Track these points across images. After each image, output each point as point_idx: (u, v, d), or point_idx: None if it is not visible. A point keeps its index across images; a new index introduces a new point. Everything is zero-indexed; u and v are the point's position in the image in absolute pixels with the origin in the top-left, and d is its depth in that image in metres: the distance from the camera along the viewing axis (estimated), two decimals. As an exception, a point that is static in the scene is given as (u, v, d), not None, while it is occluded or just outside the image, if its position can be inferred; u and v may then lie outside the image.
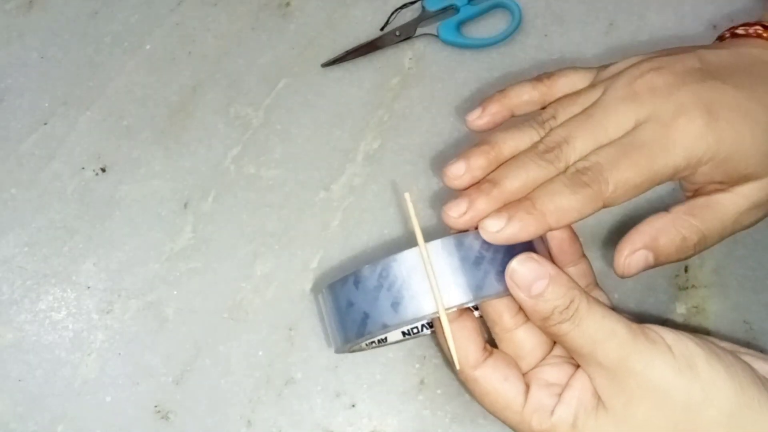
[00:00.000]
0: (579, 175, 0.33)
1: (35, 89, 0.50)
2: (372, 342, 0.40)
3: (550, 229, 0.33)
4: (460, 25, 0.51)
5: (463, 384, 0.35)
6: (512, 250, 0.33)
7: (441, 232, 0.35)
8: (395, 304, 0.32)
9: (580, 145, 0.34)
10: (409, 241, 0.45)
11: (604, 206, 0.33)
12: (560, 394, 0.33)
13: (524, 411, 0.33)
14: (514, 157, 0.35)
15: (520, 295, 0.32)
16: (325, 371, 0.43)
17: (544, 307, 0.32)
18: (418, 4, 0.52)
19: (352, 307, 0.34)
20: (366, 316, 0.33)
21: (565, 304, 0.32)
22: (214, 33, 0.52)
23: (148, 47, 0.52)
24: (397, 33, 0.51)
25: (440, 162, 0.47)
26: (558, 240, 0.36)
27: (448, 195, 0.35)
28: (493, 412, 0.34)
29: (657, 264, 0.35)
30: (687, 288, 0.44)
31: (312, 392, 0.43)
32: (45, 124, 0.49)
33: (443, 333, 0.34)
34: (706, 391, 0.30)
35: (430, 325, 0.41)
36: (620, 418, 0.31)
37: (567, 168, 0.34)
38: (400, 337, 0.41)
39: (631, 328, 0.32)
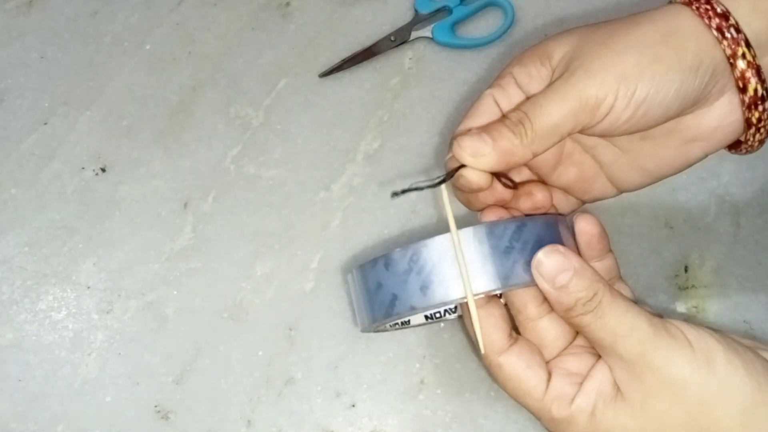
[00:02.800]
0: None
1: (35, 89, 0.50)
2: (396, 323, 0.40)
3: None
4: (454, 26, 0.51)
5: (487, 369, 0.36)
6: (541, 242, 0.33)
7: (470, 221, 0.36)
8: (424, 288, 0.33)
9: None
10: (439, 228, 0.45)
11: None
12: (581, 384, 0.34)
13: (545, 398, 0.34)
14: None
15: (545, 286, 0.33)
16: (325, 371, 0.43)
17: (567, 299, 0.32)
18: (410, 8, 0.52)
19: (380, 289, 0.34)
20: (395, 297, 0.34)
21: (589, 297, 0.32)
22: (214, 33, 0.52)
23: (148, 47, 0.52)
24: (392, 38, 0.51)
25: (439, 162, 0.47)
26: (587, 236, 0.36)
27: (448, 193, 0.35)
28: (514, 398, 0.35)
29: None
30: (687, 288, 0.44)
31: (312, 392, 0.43)
32: (45, 124, 0.49)
33: (470, 318, 0.35)
34: (722, 387, 0.31)
35: (454, 309, 0.41)
36: (638, 410, 0.32)
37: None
38: (423, 320, 0.41)
39: (652, 323, 0.32)
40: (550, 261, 0.33)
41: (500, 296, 0.38)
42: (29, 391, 0.43)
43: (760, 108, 0.34)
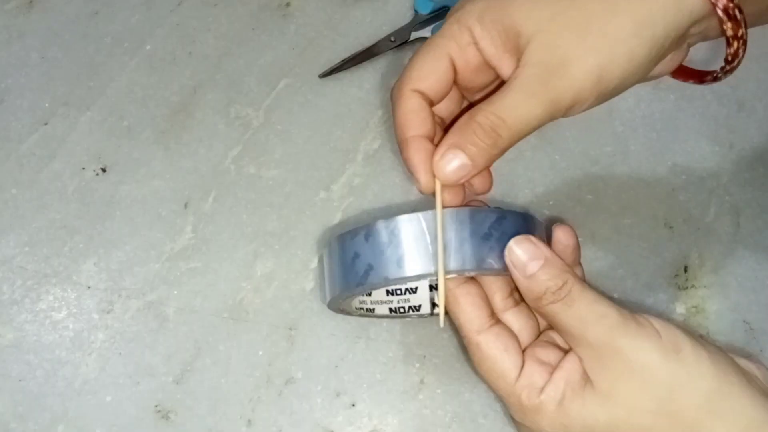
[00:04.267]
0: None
1: (36, 89, 0.50)
2: (361, 308, 0.41)
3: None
4: None
5: (466, 347, 0.37)
6: (518, 233, 0.35)
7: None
8: (400, 260, 0.34)
9: None
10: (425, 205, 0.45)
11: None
12: (551, 374, 0.34)
13: (516, 384, 0.34)
14: None
15: (516, 274, 0.34)
16: (325, 371, 0.43)
17: (537, 288, 0.33)
18: (410, 9, 0.52)
19: (357, 259, 0.35)
20: (370, 267, 0.35)
21: (558, 285, 0.33)
22: (214, 33, 0.52)
23: (148, 47, 0.52)
24: (392, 39, 0.51)
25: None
26: (563, 246, 0.37)
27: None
28: (486, 380, 0.36)
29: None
30: (687, 288, 0.44)
31: (312, 392, 0.43)
32: (45, 124, 0.49)
33: (446, 296, 0.36)
34: (689, 374, 0.32)
35: (418, 308, 0.42)
36: (606, 398, 0.33)
37: None
38: (387, 312, 0.42)
39: (621, 313, 0.33)
40: (521, 249, 0.34)
41: None
42: (29, 391, 0.43)
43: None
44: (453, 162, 0.34)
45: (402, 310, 0.42)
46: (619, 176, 0.47)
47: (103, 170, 0.48)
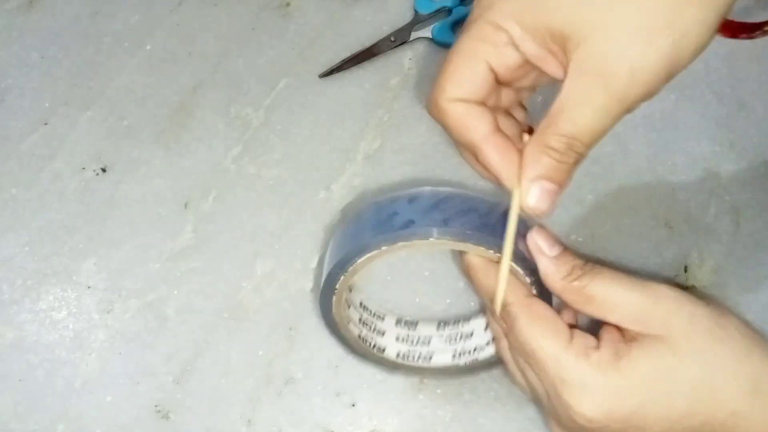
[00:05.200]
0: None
1: (36, 89, 0.50)
2: (368, 338, 0.41)
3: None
4: (454, 26, 0.51)
5: (510, 319, 0.35)
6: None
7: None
8: (447, 220, 0.34)
9: None
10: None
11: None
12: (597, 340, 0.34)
13: (572, 342, 0.34)
14: None
15: (543, 258, 0.35)
16: (325, 371, 0.43)
17: (565, 265, 0.34)
18: (410, 9, 0.52)
19: (396, 216, 0.34)
20: (411, 222, 0.33)
21: (582, 263, 0.35)
22: (214, 33, 0.52)
23: (148, 47, 0.52)
24: (392, 39, 0.51)
25: (439, 162, 0.47)
26: None
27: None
28: (536, 342, 0.34)
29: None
30: (687, 288, 0.44)
31: (312, 392, 0.43)
32: (45, 124, 0.49)
33: (485, 266, 0.36)
34: (722, 311, 0.34)
35: (429, 358, 0.41)
36: (663, 336, 0.33)
37: None
38: (394, 357, 0.41)
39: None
40: (541, 236, 0.35)
41: None
42: (29, 391, 0.43)
43: None
44: (542, 193, 0.33)
45: (411, 357, 0.41)
46: (619, 176, 0.47)
47: (103, 170, 0.48)
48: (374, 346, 0.41)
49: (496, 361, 0.41)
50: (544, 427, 0.42)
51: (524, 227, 0.35)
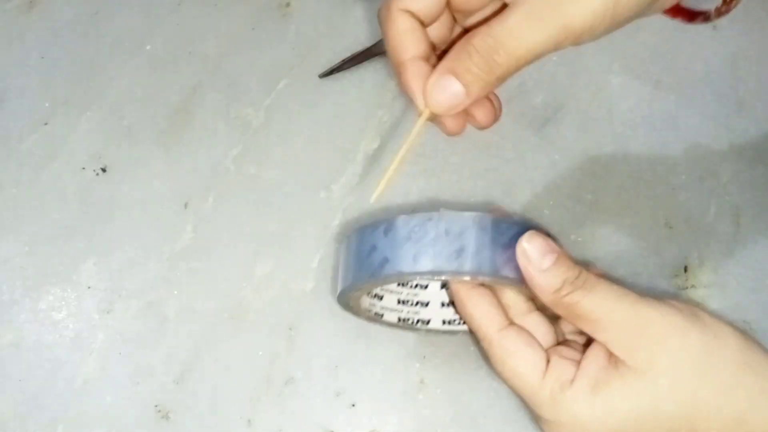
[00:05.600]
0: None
1: (36, 89, 0.50)
2: (370, 311, 0.41)
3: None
4: None
5: (485, 350, 0.35)
6: None
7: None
8: (417, 256, 0.34)
9: None
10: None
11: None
12: (578, 366, 0.33)
13: (546, 378, 0.33)
14: None
15: (530, 270, 0.33)
16: (325, 371, 0.43)
17: (555, 280, 0.32)
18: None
19: (374, 251, 0.35)
20: (386, 260, 0.34)
21: (575, 275, 0.32)
22: (214, 33, 0.52)
23: (148, 47, 0.52)
24: None
25: (439, 162, 0.47)
26: None
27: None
28: (511, 379, 0.34)
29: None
30: (687, 288, 0.44)
31: (312, 392, 0.43)
32: (45, 124, 0.49)
33: (463, 294, 0.35)
34: (717, 336, 0.32)
35: (427, 322, 0.41)
36: (645, 371, 0.32)
37: None
38: (395, 321, 0.41)
39: (635, 293, 0.33)
40: (533, 245, 0.33)
41: None
42: (29, 391, 0.43)
43: None
44: (446, 90, 0.32)
45: (410, 321, 0.41)
46: (619, 176, 0.47)
47: (103, 170, 0.48)
48: (419, 321, 0.41)
49: None
50: (536, 415, 0.42)
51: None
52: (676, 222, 0.46)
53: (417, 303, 0.41)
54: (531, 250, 0.33)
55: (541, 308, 0.37)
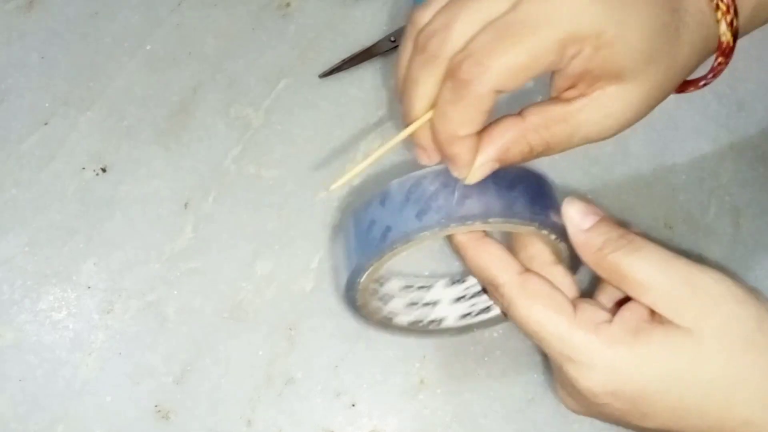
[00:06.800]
0: (457, 72, 0.29)
1: (35, 89, 0.50)
2: (379, 313, 0.39)
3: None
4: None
5: (505, 298, 0.33)
6: (542, 192, 0.34)
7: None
8: (420, 213, 0.32)
9: (460, 28, 0.30)
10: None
11: (498, 94, 0.30)
12: (614, 314, 0.32)
13: (577, 316, 0.31)
14: (406, 69, 0.32)
15: (573, 230, 0.32)
16: (325, 371, 0.43)
17: (597, 239, 0.31)
18: (409, 9, 0.52)
19: (374, 225, 0.33)
20: (388, 229, 0.32)
21: (619, 234, 0.31)
22: (214, 33, 0.52)
23: (148, 47, 0.52)
24: (392, 39, 0.51)
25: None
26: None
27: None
28: (536, 323, 0.32)
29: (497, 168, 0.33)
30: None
31: (312, 392, 0.43)
32: (45, 124, 0.49)
33: (471, 247, 0.34)
34: None
35: (439, 321, 0.41)
36: (693, 331, 0.30)
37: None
38: (408, 321, 0.40)
39: (688, 258, 0.31)
40: (574, 206, 0.32)
41: None
42: (29, 391, 0.43)
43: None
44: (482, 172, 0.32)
45: (421, 323, 0.41)
46: (619, 176, 0.47)
47: (103, 170, 0.48)
48: (431, 321, 0.41)
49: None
50: (543, 428, 0.42)
51: (548, 188, 0.34)
52: (676, 222, 0.46)
53: (425, 304, 0.41)
54: (571, 210, 0.32)
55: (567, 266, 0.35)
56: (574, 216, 0.32)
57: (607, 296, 0.34)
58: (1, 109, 0.50)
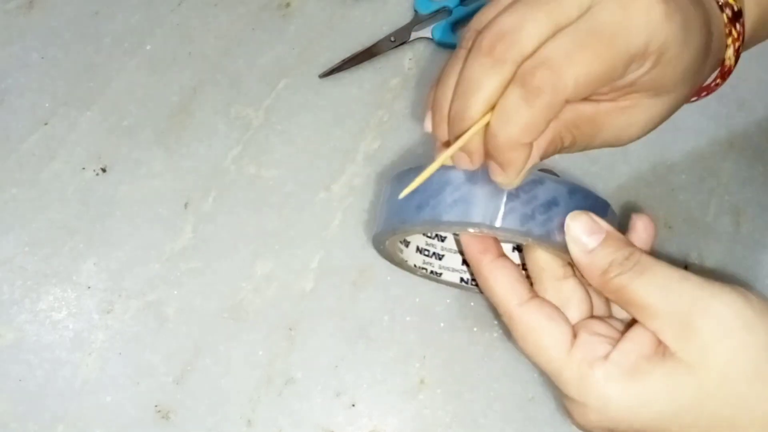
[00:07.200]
0: (530, 79, 0.28)
1: (36, 89, 0.50)
2: (425, 269, 0.39)
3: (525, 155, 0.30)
4: (454, 26, 0.51)
5: (506, 325, 0.33)
6: (576, 206, 0.32)
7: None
8: (456, 202, 0.32)
9: (530, 31, 0.29)
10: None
11: (567, 103, 0.30)
12: (614, 345, 0.30)
13: (572, 353, 0.31)
14: (460, 74, 0.31)
15: (575, 250, 0.31)
16: (325, 371, 0.43)
17: (601, 261, 0.30)
18: (410, 9, 0.52)
19: (414, 194, 0.33)
20: (425, 203, 0.32)
21: (624, 256, 0.30)
22: (214, 33, 0.52)
23: (148, 47, 0.52)
24: (392, 39, 0.51)
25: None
26: (638, 238, 0.34)
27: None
28: (534, 355, 0.32)
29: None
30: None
31: (312, 392, 0.43)
32: (45, 124, 0.49)
33: (477, 262, 0.33)
34: None
35: (439, 275, 0.41)
36: (695, 366, 0.29)
37: (519, 68, 0.29)
38: (457, 281, 0.40)
39: (701, 278, 0.30)
40: (577, 223, 0.31)
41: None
42: (29, 391, 0.43)
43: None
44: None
45: (475, 282, 0.40)
46: (619, 176, 0.47)
47: (103, 170, 0.48)
48: (432, 272, 0.40)
49: None
50: (543, 428, 0.42)
51: (592, 205, 0.33)
52: (676, 222, 0.46)
53: (434, 254, 0.40)
54: (575, 228, 0.31)
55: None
56: (579, 235, 0.31)
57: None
58: (1, 109, 0.50)
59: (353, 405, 0.43)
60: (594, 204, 0.33)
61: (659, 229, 0.46)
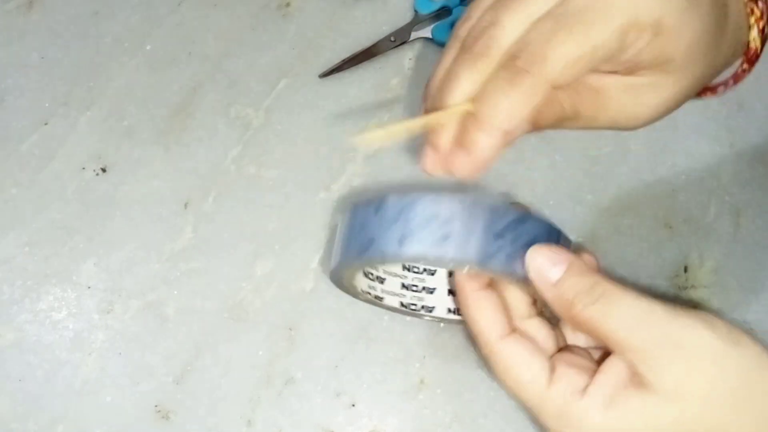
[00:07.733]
0: (514, 61, 0.29)
1: (35, 89, 0.50)
2: (368, 293, 0.40)
3: (512, 136, 0.30)
4: (454, 26, 0.51)
5: (485, 358, 0.33)
6: (535, 240, 0.32)
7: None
8: (402, 239, 0.32)
9: (509, 24, 0.30)
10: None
11: (553, 87, 0.29)
12: (591, 377, 0.30)
13: (551, 388, 0.31)
14: (447, 69, 0.31)
15: (540, 284, 0.31)
16: (325, 371, 0.43)
17: (566, 293, 0.30)
18: (410, 9, 0.52)
19: (363, 230, 0.33)
20: (371, 241, 0.33)
21: (589, 285, 0.30)
22: (214, 33, 0.52)
23: (148, 47, 0.52)
24: (392, 39, 0.51)
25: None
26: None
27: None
28: (514, 389, 0.32)
29: (527, 131, 0.31)
30: (687, 288, 0.44)
31: (312, 392, 0.43)
32: (45, 124, 0.49)
33: (464, 302, 0.33)
34: (758, 359, 0.29)
35: (430, 309, 0.41)
36: (672, 396, 0.29)
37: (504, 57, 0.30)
38: (397, 305, 0.41)
39: (666, 306, 0.30)
40: (540, 256, 0.31)
41: None
42: (29, 391, 0.43)
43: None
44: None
45: (414, 306, 0.40)
46: (619, 176, 0.47)
47: (103, 170, 0.48)
48: (422, 308, 0.40)
49: None
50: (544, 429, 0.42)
51: (553, 239, 0.33)
52: (676, 222, 0.46)
53: (423, 289, 0.40)
54: (538, 261, 0.31)
55: (541, 312, 0.35)
56: (541, 268, 0.31)
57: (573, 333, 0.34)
58: (1, 109, 0.50)
59: (353, 405, 0.43)
60: (548, 231, 0.33)
61: (659, 229, 0.46)
